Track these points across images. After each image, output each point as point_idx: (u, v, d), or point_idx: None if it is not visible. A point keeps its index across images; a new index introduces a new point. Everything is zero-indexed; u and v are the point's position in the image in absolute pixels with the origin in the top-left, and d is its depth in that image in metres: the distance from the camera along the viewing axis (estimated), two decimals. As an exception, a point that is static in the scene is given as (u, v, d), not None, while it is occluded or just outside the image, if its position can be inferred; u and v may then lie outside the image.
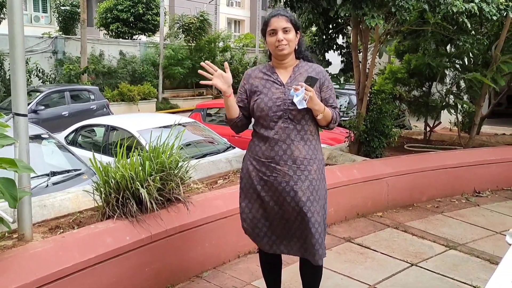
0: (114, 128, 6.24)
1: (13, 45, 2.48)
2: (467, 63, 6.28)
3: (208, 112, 9.11)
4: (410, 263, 3.51)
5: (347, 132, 5.58)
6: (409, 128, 8.73)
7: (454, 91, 6.51)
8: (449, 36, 5.52)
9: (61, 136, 6.54)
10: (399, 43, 6.66)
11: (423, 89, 6.78)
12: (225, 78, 2.36)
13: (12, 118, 2.52)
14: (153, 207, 2.88)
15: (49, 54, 15.55)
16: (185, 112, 13.42)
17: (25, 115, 2.53)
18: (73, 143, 6.57)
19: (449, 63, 6.16)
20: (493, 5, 4.65)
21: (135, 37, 19.61)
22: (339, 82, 5.83)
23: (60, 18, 18.60)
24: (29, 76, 13.43)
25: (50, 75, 14.78)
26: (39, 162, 4.31)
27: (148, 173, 2.91)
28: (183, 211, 3.07)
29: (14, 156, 2.46)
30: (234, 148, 6.20)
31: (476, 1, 4.51)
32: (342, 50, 6.22)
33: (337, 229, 4.14)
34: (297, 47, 2.45)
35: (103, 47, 16.99)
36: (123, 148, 3.03)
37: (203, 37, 18.34)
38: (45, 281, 2.33)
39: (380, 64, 7.03)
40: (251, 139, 2.51)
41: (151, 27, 19.49)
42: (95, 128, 6.97)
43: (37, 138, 4.75)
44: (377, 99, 5.45)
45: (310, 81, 2.28)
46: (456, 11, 4.36)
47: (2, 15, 14.25)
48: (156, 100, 16.89)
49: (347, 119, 6.24)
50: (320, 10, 4.89)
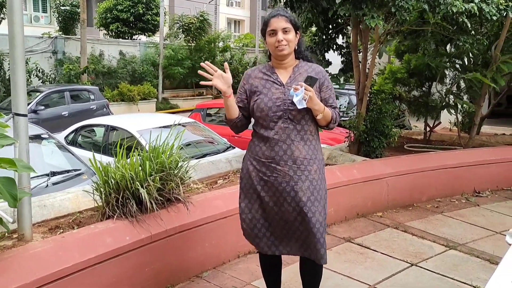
0: (114, 128, 6.24)
1: (13, 45, 2.48)
2: (467, 63, 6.27)
3: (208, 112, 9.11)
4: (410, 263, 3.50)
5: (347, 132, 5.58)
6: (409, 128, 8.74)
7: (454, 91, 6.51)
8: (449, 36, 5.52)
9: (61, 136, 6.54)
10: (399, 43, 6.67)
11: (423, 89, 6.78)
12: (225, 79, 2.36)
13: (12, 118, 2.51)
14: (153, 207, 2.88)
15: (49, 54, 15.55)
16: (185, 112, 13.43)
17: (25, 115, 2.53)
18: (73, 143, 6.57)
19: (449, 63, 6.16)
20: (493, 5, 4.66)
21: (135, 37, 19.62)
22: (339, 82, 5.82)
23: (60, 18, 18.58)
24: (29, 76, 13.42)
25: (50, 75, 14.78)
26: (39, 162, 4.31)
27: (148, 173, 2.91)
28: (183, 211, 3.07)
29: (14, 156, 2.46)
30: (234, 148, 6.20)
31: (476, 1, 4.51)
32: (342, 50, 6.22)
33: (337, 229, 4.14)
34: (297, 47, 2.45)
35: (103, 47, 16.99)
36: (123, 148, 3.03)
37: (203, 37, 18.34)
38: (45, 281, 2.33)
39: (380, 64, 7.02)
40: (251, 139, 2.50)
41: (151, 27, 19.50)
42: (95, 128, 6.97)
43: (37, 138, 4.74)
44: (377, 99, 5.45)
45: (309, 81, 2.28)
46: (456, 11, 4.36)
47: (2, 15, 14.24)
48: (156, 100, 16.89)
49: (347, 119, 6.25)
50: (319, 10, 4.90)
